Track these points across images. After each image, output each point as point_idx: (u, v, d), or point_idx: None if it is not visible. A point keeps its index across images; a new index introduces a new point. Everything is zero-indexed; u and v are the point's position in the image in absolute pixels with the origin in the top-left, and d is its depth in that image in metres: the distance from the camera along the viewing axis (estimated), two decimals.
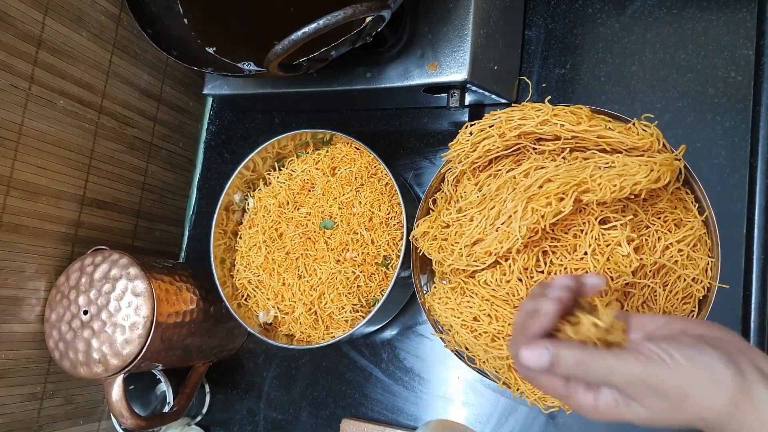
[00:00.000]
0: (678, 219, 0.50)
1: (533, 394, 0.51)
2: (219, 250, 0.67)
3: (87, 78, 0.67)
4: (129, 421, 0.61)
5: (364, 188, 0.65)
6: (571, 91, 0.66)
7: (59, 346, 0.62)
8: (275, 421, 0.74)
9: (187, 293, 0.66)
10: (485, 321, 0.50)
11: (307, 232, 0.66)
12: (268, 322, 0.67)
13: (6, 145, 0.59)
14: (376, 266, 0.63)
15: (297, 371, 0.74)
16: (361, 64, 0.64)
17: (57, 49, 0.63)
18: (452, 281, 0.53)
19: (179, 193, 0.84)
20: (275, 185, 0.69)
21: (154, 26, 0.62)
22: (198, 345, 0.69)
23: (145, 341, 0.60)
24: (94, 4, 0.67)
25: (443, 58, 0.60)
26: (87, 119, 0.68)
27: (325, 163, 0.67)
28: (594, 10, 0.66)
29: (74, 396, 0.70)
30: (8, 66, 0.58)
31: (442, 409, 0.67)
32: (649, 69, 0.63)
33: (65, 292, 0.63)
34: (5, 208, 0.60)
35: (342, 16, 0.44)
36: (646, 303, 0.49)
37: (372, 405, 0.70)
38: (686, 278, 0.49)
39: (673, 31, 0.62)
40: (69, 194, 0.67)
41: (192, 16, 0.65)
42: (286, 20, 0.61)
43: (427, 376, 0.68)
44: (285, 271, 0.66)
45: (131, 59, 0.73)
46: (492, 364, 0.53)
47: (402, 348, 0.70)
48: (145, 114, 0.76)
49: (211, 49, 0.63)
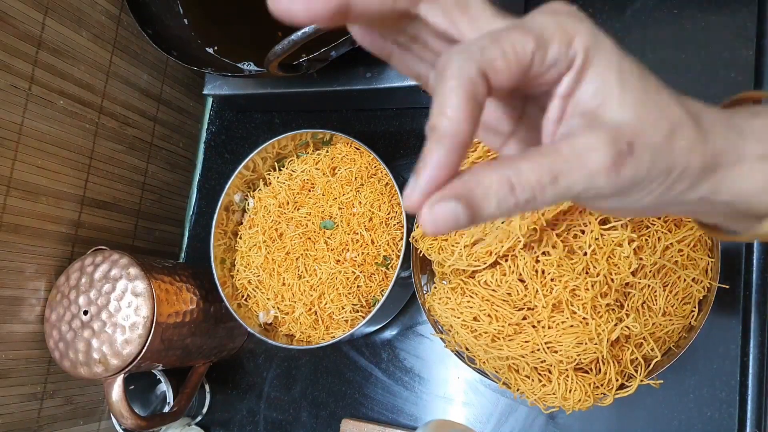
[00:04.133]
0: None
1: (533, 394, 0.51)
2: (219, 250, 0.67)
3: (87, 78, 0.67)
4: (129, 421, 0.61)
5: (364, 188, 0.65)
6: None
7: (59, 346, 0.62)
8: (275, 421, 0.74)
9: (187, 293, 0.66)
10: (485, 321, 0.50)
11: (307, 232, 0.66)
12: (268, 322, 0.67)
13: (6, 145, 0.59)
14: (376, 266, 0.63)
15: (297, 371, 0.74)
16: (361, 64, 0.64)
17: (57, 49, 0.63)
18: (452, 281, 0.53)
19: (179, 193, 0.84)
20: (275, 185, 0.69)
21: (154, 26, 0.62)
22: (198, 345, 0.69)
23: (145, 341, 0.60)
24: (94, 4, 0.67)
25: None
26: (87, 119, 0.68)
27: (325, 163, 0.67)
28: (594, 10, 0.66)
29: (74, 396, 0.70)
30: (8, 66, 0.58)
31: (442, 409, 0.67)
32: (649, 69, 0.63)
33: (65, 292, 0.63)
34: (5, 208, 0.60)
35: None
36: (646, 303, 0.49)
37: (372, 405, 0.70)
38: (686, 278, 0.49)
39: (673, 31, 0.62)
40: (69, 194, 0.67)
41: (192, 16, 0.65)
42: None
43: (427, 376, 0.68)
44: (285, 271, 0.66)
45: (131, 59, 0.73)
46: (492, 364, 0.53)
47: (402, 348, 0.70)
48: (145, 114, 0.76)
49: (211, 49, 0.63)
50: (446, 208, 0.19)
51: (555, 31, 0.20)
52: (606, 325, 0.47)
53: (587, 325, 0.47)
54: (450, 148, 0.19)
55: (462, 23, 0.22)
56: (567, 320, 0.47)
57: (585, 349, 0.47)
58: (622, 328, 0.48)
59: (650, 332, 0.49)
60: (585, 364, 0.49)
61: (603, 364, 0.49)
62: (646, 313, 0.49)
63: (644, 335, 0.49)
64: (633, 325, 0.48)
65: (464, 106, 0.19)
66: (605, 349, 0.47)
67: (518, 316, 0.48)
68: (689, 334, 0.50)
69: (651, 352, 0.49)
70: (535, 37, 0.20)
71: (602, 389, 0.49)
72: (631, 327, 0.48)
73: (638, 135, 0.20)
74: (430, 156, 0.20)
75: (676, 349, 0.50)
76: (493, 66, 0.20)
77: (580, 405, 0.49)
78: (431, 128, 0.20)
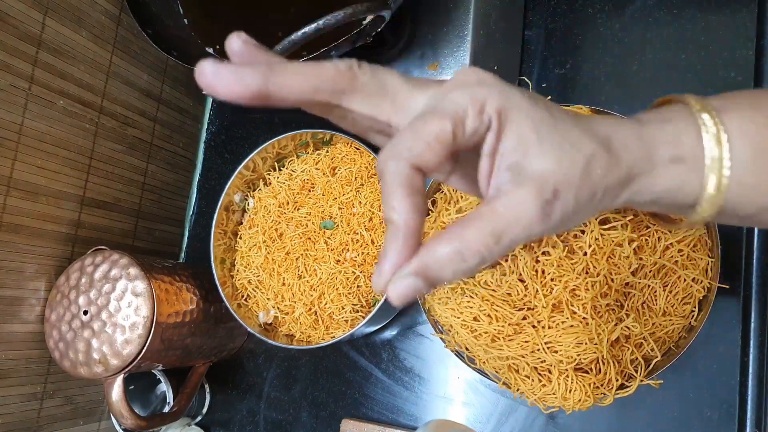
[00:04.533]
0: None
1: (533, 394, 0.51)
2: (219, 250, 0.68)
3: (87, 78, 0.67)
4: (129, 421, 0.61)
5: (364, 188, 0.65)
6: (571, 91, 0.66)
7: (59, 346, 0.62)
8: (275, 421, 0.74)
9: (187, 293, 0.66)
10: (485, 321, 0.50)
11: (307, 232, 0.66)
12: (268, 322, 0.67)
13: (6, 145, 0.59)
14: (376, 266, 0.63)
15: (297, 371, 0.74)
16: None
17: (57, 49, 0.63)
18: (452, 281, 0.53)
19: (179, 193, 0.84)
20: (275, 185, 0.69)
21: (154, 26, 0.62)
22: (198, 345, 0.69)
23: (145, 341, 0.60)
24: (94, 4, 0.67)
25: (443, 58, 0.60)
26: (87, 119, 0.68)
27: (325, 163, 0.67)
28: (594, 10, 0.66)
29: (74, 396, 0.70)
30: (8, 66, 0.58)
31: (442, 409, 0.67)
32: (649, 69, 0.63)
33: (65, 292, 0.63)
34: (5, 208, 0.60)
35: (342, 16, 0.44)
36: (646, 303, 0.49)
37: (372, 405, 0.70)
38: (686, 278, 0.49)
39: (673, 31, 0.62)
40: (69, 194, 0.67)
41: (192, 16, 0.65)
42: (286, 20, 0.61)
43: (427, 376, 0.68)
44: (285, 271, 0.66)
45: (131, 59, 0.73)
46: (492, 364, 0.53)
47: (402, 348, 0.70)
48: (145, 114, 0.76)
49: (211, 49, 0.63)
50: (407, 284, 0.23)
51: (468, 105, 0.23)
52: (606, 325, 0.47)
53: (587, 325, 0.47)
54: (404, 237, 0.23)
55: (384, 105, 0.25)
56: (567, 320, 0.47)
57: (585, 349, 0.47)
58: (622, 328, 0.48)
59: (650, 332, 0.49)
60: (585, 364, 0.49)
61: (603, 364, 0.49)
62: (646, 313, 0.49)
63: (644, 335, 0.49)
64: (633, 325, 0.48)
65: (406, 199, 0.23)
66: (605, 349, 0.47)
67: (518, 316, 0.48)
68: (689, 334, 0.50)
69: (651, 352, 0.49)
70: (450, 118, 0.23)
71: (602, 389, 0.49)
72: (631, 327, 0.48)
73: (560, 179, 0.23)
74: (389, 246, 0.23)
75: (676, 349, 0.49)
76: (421, 158, 0.23)
77: (580, 405, 0.49)
78: (386, 221, 0.23)
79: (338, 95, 0.24)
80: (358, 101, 0.25)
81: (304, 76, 0.24)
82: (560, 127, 0.24)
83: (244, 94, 0.23)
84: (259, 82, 0.23)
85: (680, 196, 0.26)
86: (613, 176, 0.24)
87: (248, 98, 0.23)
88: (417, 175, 0.23)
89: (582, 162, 0.24)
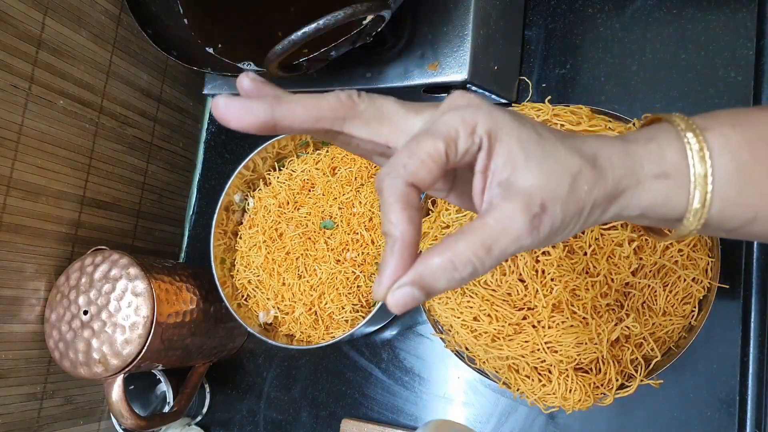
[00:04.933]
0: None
1: (533, 394, 0.51)
2: (219, 250, 0.68)
3: (87, 78, 0.67)
4: (129, 421, 0.61)
5: (364, 188, 0.65)
6: (571, 91, 0.66)
7: (59, 346, 0.62)
8: (275, 421, 0.74)
9: (187, 293, 0.66)
10: (485, 321, 0.50)
11: (307, 232, 0.66)
12: (268, 322, 0.67)
13: (6, 145, 0.59)
14: (376, 266, 0.63)
15: (297, 371, 0.74)
16: (361, 64, 0.64)
17: (57, 49, 0.63)
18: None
19: (179, 193, 0.84)
20: (275, 185, 0.69)
21: (154, 26, 0.62)
22: (198, 345, 0.69)
23: (145, 341, 0.60)
24: (94, 4, 0.67)
25: (443, 58, 0.60)
26: (87, 119, 0.68)
27: (325, 163, 0.67)
28: (594, 10, 0.66)
29: (74, 396, 0.70)
30: (8, 66, 0.58)
31: (442, 409, 0.67)
32: (649, 69, 0.63)
33: (65, 292, 0.63)
34: (5, 208, 0.60)
35: (342, 16, 0.44)
36: (646, 303, 0.49)
37: (372, 405, 0.70)
38: (686, 278, 0.49)
39: (673, 31, 0.62)
40: (69, 194, 0.67)
41: (192, 16, 0.65)
42: (286, 20, 0.61)
43: (427, 376, 0.68)
44: (285, 271, 0.66)
45: (131, 59, 0.73)
46: (492, 364, 0.53)
47: (402, 348, 0.70)
48: (145, 114, 0.76)
49: (211, 49, 0.63)
50: (404, 293, 0.24)
51: (459, 127, 0.25)
52: (606, 325, 0.47)
53: (587, 325, 0.47)
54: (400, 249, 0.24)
55: (383, 129, 0.27)
56: (567, 320, 0.47)
57: (585, 349, 0.47)
58: (622, 328, 0.48)
59: (650, 332, 0.49)
60: (585, 364, 0.49)
61: (603, 364, 0.49)
62: (646, 313, 0.49)
63: (644, 335, 0.49)
64: (633, 325, 0.48)
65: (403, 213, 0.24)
66: (605, 349, 0.47)
67: (518, 316, 0.48)
68: (689, 334, 0.50)
69: (651, 352, 0.49)
70: (443, 138, 0.25)
71: (602, 389, 0.49)
72: (631, 327, 0.48)
73: (547, 194, 0.25)
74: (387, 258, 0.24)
75: (676, 349, 0.50)
76: (416, 175, 0.24)
77: (580, 405, 0.49)
78: (385, 234, 0.25)
79: (340, 122, 0.27)
80: (358, 126, 0.27)
81: (308, 105, 0.26)
82: (547, 146, 0.25)
83: (254, 123, 0.25)
84: (267, 113, 0.26)
85: (667, 209, 0.28)
86: (599, 191, 0.26)
87: (257, 127, 0.26)
88: (413, 191, 0.25)
89: (568, 178, 0.25)
